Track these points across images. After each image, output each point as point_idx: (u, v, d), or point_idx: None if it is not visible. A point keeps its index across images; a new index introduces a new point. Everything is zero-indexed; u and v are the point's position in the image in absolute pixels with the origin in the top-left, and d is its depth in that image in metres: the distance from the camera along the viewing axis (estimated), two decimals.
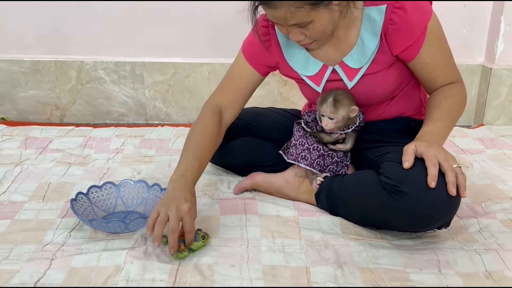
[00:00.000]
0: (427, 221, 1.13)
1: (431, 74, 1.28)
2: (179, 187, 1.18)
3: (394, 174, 1.13)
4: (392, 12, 1.20)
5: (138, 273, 1.08)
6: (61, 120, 2.24)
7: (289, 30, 1.18)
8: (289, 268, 1.11)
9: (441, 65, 1.27)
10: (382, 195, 1.13)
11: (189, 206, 1.13)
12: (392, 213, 1.14)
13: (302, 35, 1.18)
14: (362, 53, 1.26)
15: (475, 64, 2.20)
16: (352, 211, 1.28)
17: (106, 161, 1.71)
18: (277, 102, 2.18)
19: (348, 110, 1.29)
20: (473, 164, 1.69)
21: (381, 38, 1.23)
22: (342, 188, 1.29)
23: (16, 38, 2.14)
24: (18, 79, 2.17)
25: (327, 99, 1.28)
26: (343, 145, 1.37)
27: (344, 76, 1.30)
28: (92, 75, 2.17)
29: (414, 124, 1.39)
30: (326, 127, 1.31)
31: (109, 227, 1.20)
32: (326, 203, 1.34)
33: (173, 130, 2.03)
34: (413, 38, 1.21)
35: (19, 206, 1.37)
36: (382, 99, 1.35)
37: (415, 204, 1.09)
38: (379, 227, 1.26)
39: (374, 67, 1.27)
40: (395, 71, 1.29)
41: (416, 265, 1.12)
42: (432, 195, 1.07)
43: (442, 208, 1.10)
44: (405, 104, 1.38)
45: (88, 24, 2.12)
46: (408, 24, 1.19)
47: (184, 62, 2.17)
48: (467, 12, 2.13)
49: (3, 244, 1.19)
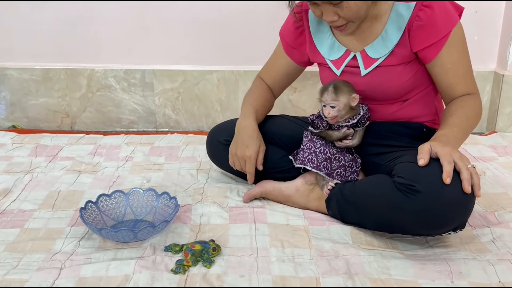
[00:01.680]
0: (442, 222, 1.11)
1: (450, 80, 1.28)
2: (243, 134, 1.43)
3: (408, 174, 1.12)
4: (419, 10, 1.24)
5: (147, 283, 1.07)
6: (72, 128, 2.24)
7: (323, 10, 1.22)
8: (299, 279, 1.09)
9: (460, 73, 1.28)
10: (396, 196, 1.12)
11: (249, 153, 1.41)
12: (406, 214, 1.12)
13: (336, 15, 1.22)
14: (384, 45, 1.29)
15: (487, 71, 2.18)
16: (365, 216, 1.26)
17: (115, 169, 1.71)
18: (286, 109, 2.17)
19: (348, 97, 1.31)
20: (486, 172, 1.67)
21: (404, 32, 1.26)
22: (354, 193, 1.27)
23: (27, 46, 2.15)
24: (29, 87, 2.18)
25: (328, 88, 1.32)
26: (350, 140, 1.37)
27: (361, 64, 1.33)
28: (103, 83, 2.18)
29: (426, 130, 1.39)
30: (328, 115, 1.32)
31: (118, 236, 1.20)
32: (337, 210, 1.32)
33: (182, 138, 2.03)
34: (435, 38, 1.23)
35: (28, 215, 1.37)
36: (393, 96, 1.35)
37: (430, 202, 1.07)
38: (392, 232, 1.25)
39: (391, 60, 1.30)
40: (411, 70, 1.31)
41: (428, 276, 1.11)
42: (447, 193, 1.06)
43: (457, 207, 1.09)
44: (419, 109, 1.38)
45: (98, 32, 2.13)
46: (433, 22, 1.23)
47: (194, 69, 2.17)
48: (478, 19, 2.11)
49: (12, 253, 1.19)
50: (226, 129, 1.54)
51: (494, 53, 2.18)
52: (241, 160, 1.44)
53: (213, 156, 1.61)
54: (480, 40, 2.14)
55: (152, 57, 2.17)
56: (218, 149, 1.55)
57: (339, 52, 1.37)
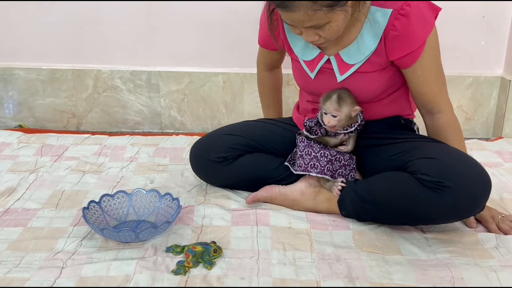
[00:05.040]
0: (470, 210, 1.21)
1: (419, 88, 1.31)
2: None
3: (433, 171, 1.17)
4: (395, 18, 1.22)
5: (147, 283, 1.08)
6: (78, 128, 2.25)
7: (304, 32, 1.21)
8: (299, 282, 1.09)
9: (430, 80, 1.30)
10: (425, 194, 1.17)
11: None
12: (436, 210, 1.18)
13: (317, 36, 1.21)
14: (359, 51, 1.28)
15: (494, 76, 2.16)
16: (386, 213, 1.28)
17: (120, 169, 1.71)
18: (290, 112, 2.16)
19: (351, 108, 1.31)
20: (492, 178, 1.65)
21: (381, 41, 1.25)
22: (371, 193, 1.28)
23: (34, 46, 2.17)
24: (36, 87, 2.19)
25: (331, 97, 1.31)
26: (345, 147, 1.38)
27: (336, 68, 1.33)
28: (109, 83, 2.19)
29: (404, 122, 1.44)
30: (328, 124, 1.32)
31: (120, 236, 1.20)
32: (352, 209, 1.33)
33: (187, 139, 2.03)
34: (411, 48, 1.24)
35: (32, 214, 1.38)
36: (369, 99, 1.36)
37: (461, 196, 1.15)
38: (415, 224, 1.31)
39: (367, 67, 1.30)
40: (387, 75, 1.32)
41: (429, 281, 1.10)
42: (476, 184, 1.16)
43: (483, 195, 1.19)
44: (394, 107, 1.41)
45: (105, 33, 2.14)
46: (409, 33, 1.22)
47: (200, 71, 2.17)
48: (486, 24, 2.10)
49: (15, 252, 1.19)
50: (214, 145, 1.49)
51: (501, 58, 2.16)
52: None
53: (205, 175, 1.54)
54: (487, 45, 2.13)
55: (158, 58, 2.18)
56: (212, 168, 1.48)
57: (313, 54, 1.35)
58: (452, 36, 2.07)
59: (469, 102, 2.18)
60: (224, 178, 1.50)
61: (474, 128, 2.22)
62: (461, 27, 2.10)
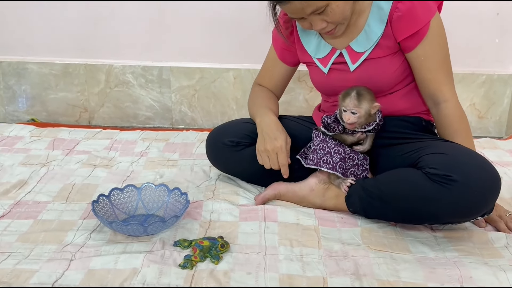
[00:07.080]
0: (477, 208, 1.17)
1: (423, 74, 1.32)
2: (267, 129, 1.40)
3: (441, 165, 1.15)
4: (398, 1, 1.26)
5: (154, 277, 1.08)
6: (89, 122, 2.27)
7: (311, 21, 1.25)
8: (306, 278, 1.09)
9: (434, 67, 1.30)
10: (432, 187, 1.15)
11: (280, 144, 1.36)
12: (443, 205, 1.16)
13: (324, 22, 1.25)
14: (368, 38, 1.32)
15: (507, 74, 2.14)
16: (393, 210, 1.26)
17: (130, 164, 1.72)
18: (302, 109, 2.17)
19: (370, 105, 1.30)
20: (503, 177, 1.64)
21: (387, 24, 1.29)
22: (379, 189, 1.27)
23: (47, 41, 2.19)
24: (49, 81, 2.21)
25: (351, 93, 1.30)
26: (361, 146, 1.37)
27: (348, 59, 1.35)
28: (121, 79, 2.20)
29: (425, 123, 1.42)
30: (348, 121, 1.31)
31: (128, 230, 1.21)
32: (359, 206, 1.32)
33: (197, 135, 2.04)
34: (415, 28, 1.26)
35: (42, 206, 1.39)
36: (384, 88, 1.36)
37: (468, 190, 1.13)
38: (421, 223, 1.29)
39: (377, 52, 1.32)
40: (399, 59, 1.33)
41: (437, 280, 1.09)
42: (483, 179, 1.14)
43: (491, 192, 1.16)
44: (409, 101, 1.39)
45: (117, 29, 2.16)
46: (412, 13, 1.26)
47: (211, 67, 2.18)
48: (500, 21, 2.07)
49: (24, 244, 1.21)
50: (230, 129, 1.51)
51: None
52: (272, 153, 1.37)
53: (216, 159, 1.55)
54: (502, 42, 2.11)
55: (169, 54, 2.19)
56: (224, 151, 1.49)
57: (325, 50, 1.39)
58: (465, 33, 2.05)
59: (482, 101, 2.16)
60: (233, 164, 1.50)
61: (486, 127, 2.20)
62: (474, 25, 2.08)
